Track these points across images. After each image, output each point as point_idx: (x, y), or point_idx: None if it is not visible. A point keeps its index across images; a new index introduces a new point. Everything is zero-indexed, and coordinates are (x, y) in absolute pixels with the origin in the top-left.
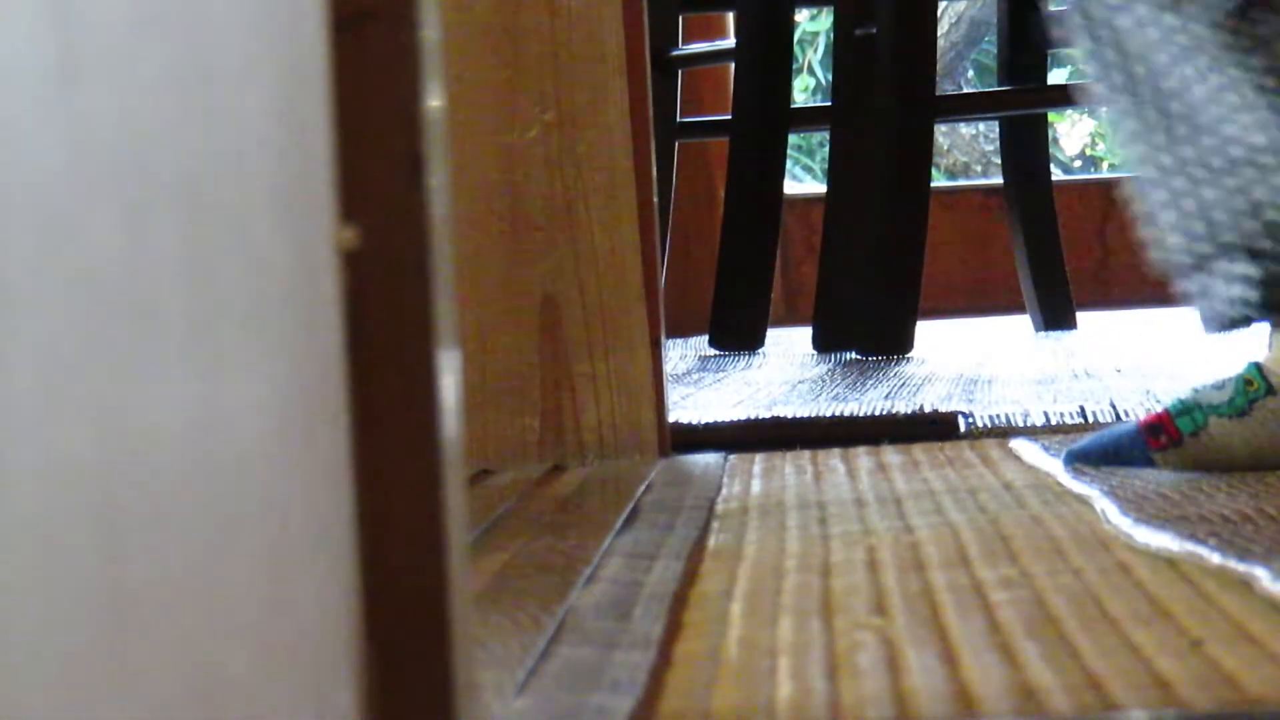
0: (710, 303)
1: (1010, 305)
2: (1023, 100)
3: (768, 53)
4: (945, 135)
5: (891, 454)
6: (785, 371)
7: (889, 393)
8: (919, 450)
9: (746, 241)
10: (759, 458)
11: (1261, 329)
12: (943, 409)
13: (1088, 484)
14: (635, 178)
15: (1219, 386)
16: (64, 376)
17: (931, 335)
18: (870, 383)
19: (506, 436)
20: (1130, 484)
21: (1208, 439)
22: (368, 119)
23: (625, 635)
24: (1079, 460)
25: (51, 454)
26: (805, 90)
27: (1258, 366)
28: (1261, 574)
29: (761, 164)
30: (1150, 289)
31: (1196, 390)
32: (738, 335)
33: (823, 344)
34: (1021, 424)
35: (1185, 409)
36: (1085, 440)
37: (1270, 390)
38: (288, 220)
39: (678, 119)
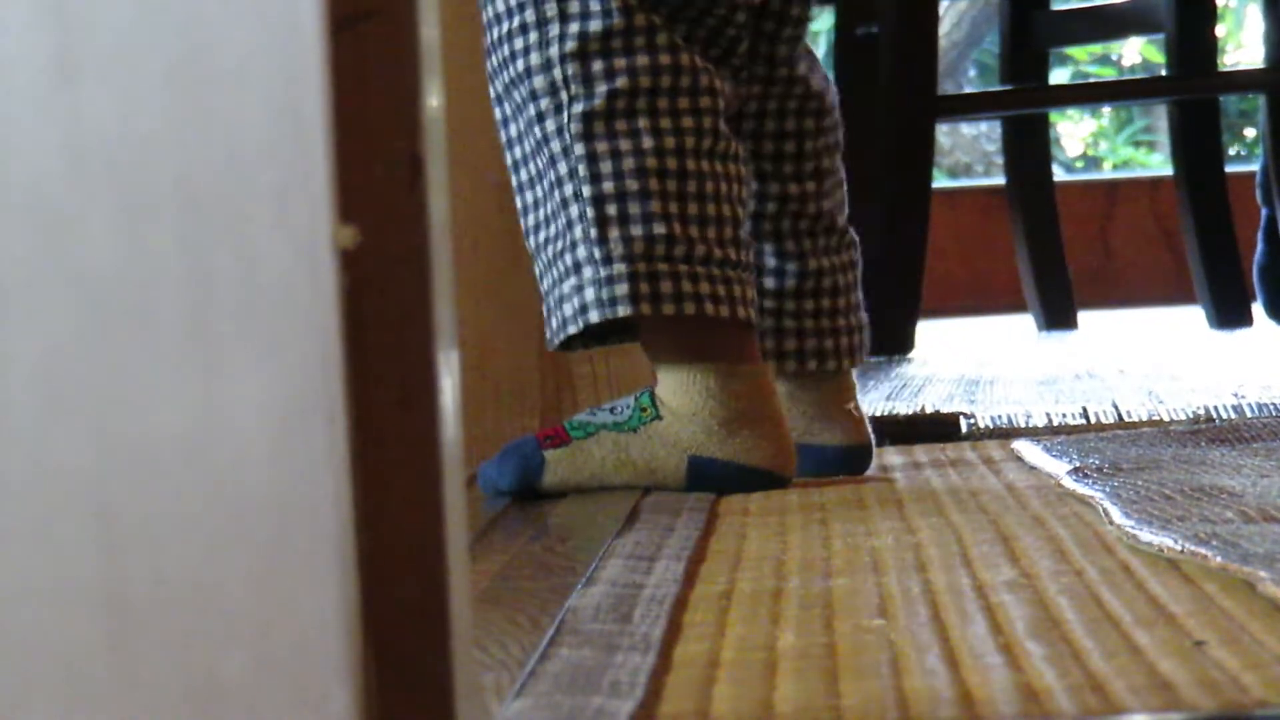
0: None
1: (1012, 305)
2: (1024, 100)
3: None
4: (947, 135)
5: (893, 455)
6: None
7: (890, 393)
8: (920, 451)
9: None
10: None
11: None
12: (944, 410)
13: (1090, 486)
14: None
15: (615, 411)
16: (63, 377)
17: (933, 335)
18: (871, 383)
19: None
20: (1133, 485)
21: (594, 444)
22: (368, 119)
23: (625, 637)
24: (485, 472)
25: (51, 455)
26: None
27: (651, 397)
28: (1263, 575)
29: None
30: (1151, 289)
31: (593, 413)
32: None
33: None
34: (1024, 425)
35: (580, 425)
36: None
37: (658, 417)
38: (287, 220)
39: None
